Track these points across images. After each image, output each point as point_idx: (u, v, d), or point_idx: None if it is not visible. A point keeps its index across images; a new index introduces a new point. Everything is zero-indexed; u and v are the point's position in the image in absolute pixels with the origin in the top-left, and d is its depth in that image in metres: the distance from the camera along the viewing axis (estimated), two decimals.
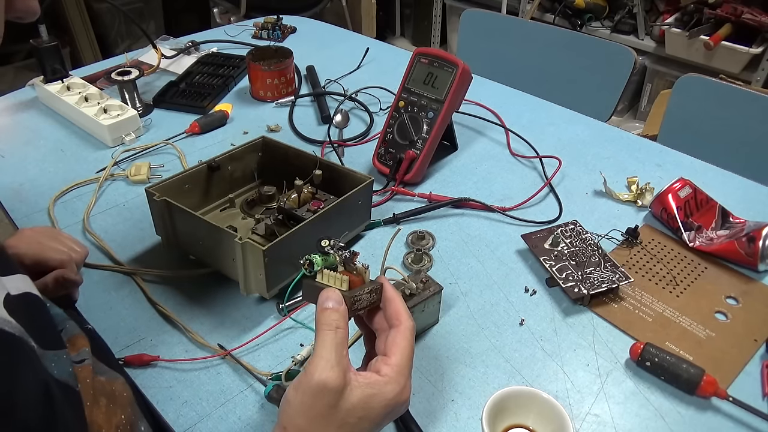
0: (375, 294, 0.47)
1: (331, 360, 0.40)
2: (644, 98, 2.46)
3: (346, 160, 0.96)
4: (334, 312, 0.43)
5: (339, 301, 0.43)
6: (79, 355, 0.47)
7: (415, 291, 0.61)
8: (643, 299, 0.70)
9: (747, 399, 0.57)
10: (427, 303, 0.62)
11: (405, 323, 0.45)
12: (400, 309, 0.46)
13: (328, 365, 0.40)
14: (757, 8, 2.02)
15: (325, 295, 0.43)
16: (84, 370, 0.46)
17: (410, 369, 0.44)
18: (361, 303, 0.45)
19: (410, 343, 0.44)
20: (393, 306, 0.46)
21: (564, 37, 1.38)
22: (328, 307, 0.43)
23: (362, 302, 0.45)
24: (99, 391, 0.46)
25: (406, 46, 3.23)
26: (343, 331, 0.42)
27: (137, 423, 0.48)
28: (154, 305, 0.68)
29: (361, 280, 0.47)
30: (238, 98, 1.15)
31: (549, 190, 0.89)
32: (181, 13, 2.92)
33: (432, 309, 0.64)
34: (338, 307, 0.43)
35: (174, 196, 0.70)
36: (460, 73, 0.86)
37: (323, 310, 0.43)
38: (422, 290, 0.62)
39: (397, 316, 0.45)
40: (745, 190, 0.90)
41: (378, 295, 0.47)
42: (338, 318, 0.42)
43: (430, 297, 0.62)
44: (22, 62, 2.51)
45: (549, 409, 0.53)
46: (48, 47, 1.03)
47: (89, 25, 2.52)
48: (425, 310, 0.62)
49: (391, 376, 0.42)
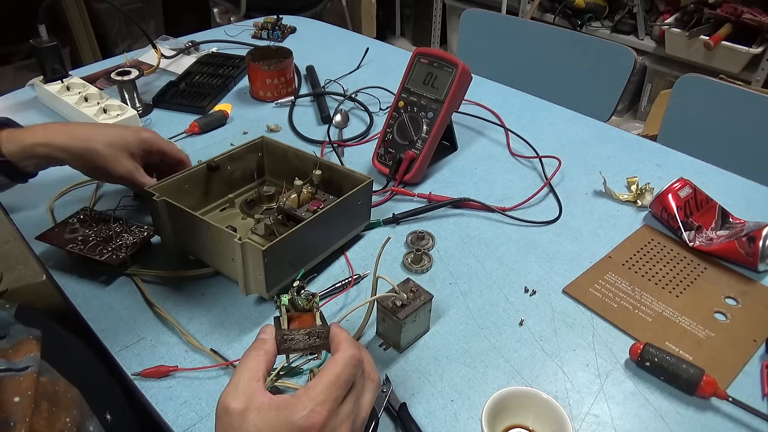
0: (317, 338, 0.48)
1: (238, 385, 0.42)
2: (644, 98, 2.46)
3: (346, 160, 0.96)
4: (261, 342, 0.46)
5: (270, 335, 0.47)
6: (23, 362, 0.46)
7: (406, 301, 0.61)
8: (642, 299, 0.70)
9: (746, 399, 0.57)
10: (418, 312, 0.61)
11: (340, 353, 0.45)
12: (340, 339, 0.46)
13: (234, 389, 0.42)
14: (757, 8, 2.02)
15: (262, 329, 0.47)
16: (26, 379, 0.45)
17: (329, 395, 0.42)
18: (296, 343, 0.47)
19: (335, 370, 0.43)
20: (335, 340, 0.47)
21: (564, 37, 1.38)
22: (260, 336, 0.47)
23: (296, 342, 0.47)
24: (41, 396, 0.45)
25: (406, 46, 3.23)
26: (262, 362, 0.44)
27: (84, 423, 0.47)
28: (152, 306, 0.68)
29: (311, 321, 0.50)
30: (237, 98, 1.15)
31: (549, 190, 0.89)
32: (181, 13, 2.93)
33: (422, 318, 0.63)
34: (266, 339, 0.46)
35: (173, 196, 0.70)
36: (459, 73, 0.86)
37: (256, 339, 0.46)
38: (413, 300, 0.61)
39: (336, 346, 0.46)
40: (745, 190, 0.90)
41: (322, 340, 0.48)
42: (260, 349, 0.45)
43: (421, 306, 0.61)
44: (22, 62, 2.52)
45: (548, 409, 0.54)
46: (48, 47, 1.03)
47: (89, 25, 2.52)
48: (416, 319, 0.62)
49: (300, 398, 0.42)
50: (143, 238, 0.74)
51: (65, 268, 0.73)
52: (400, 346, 0.62)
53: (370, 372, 0.48)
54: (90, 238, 0.73)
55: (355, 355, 0.45)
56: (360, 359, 0.45)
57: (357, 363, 0.45)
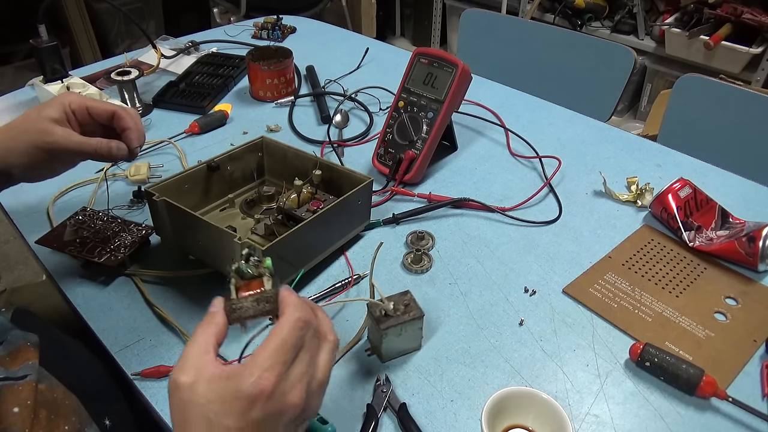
0: (266, 303, 0.46)
1: (187, 359, 0.41)
2: (644, 98, 2.46)
3: (346, 160, 0.96)
4: (210, 315, 0.45)
5: (219, 306, 0.45)
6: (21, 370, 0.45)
7: (392, 312, 0.59)
8: (642, 299, 0.70)
9: (746, 399, 0.57)
10: (405, 327, 0.60)
11: (286, 316, 0.43)
12: (287, 303, 0.45)
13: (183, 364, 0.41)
14: (757, 8, 2.02)
15: (213, 301, 0.46)
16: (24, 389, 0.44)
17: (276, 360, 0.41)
18: (245, 311, 0.45)
19: (281, 335, 0.42)
20: (282, 304, 0.45)
21: (564, 37, 1.38)
22: (210, 309, 0.45)
23: (245, 310, 0.45)
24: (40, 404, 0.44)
25: (406, 46, 3.23)
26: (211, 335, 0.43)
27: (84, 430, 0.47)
28: (152, 307, 0.68)
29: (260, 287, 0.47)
30: (237, 98, 1.15)
31: (549, 190, 0.89)
32: (181, 13, 2.93)
33: (411, 334, 0.61)
34: (214, 311, 0.45)
35: (173, 196, 0.69)
36: (459, 73, 0.86)
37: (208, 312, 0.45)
38: (402, 313, 0.59)
39: (283, 310, 0.44)
40: (744, 190, 0.90)
41: (272, 304, 0.46)
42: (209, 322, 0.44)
43: (408, 322, 0.59)
44: (22, 62, 2.52)
45: (548, 409, 0.54)
46: (48, 47, 1.03)
47: (89, 25, 2.52)
48: (402, 334, 0.60)
49: (248, 366, 0.41)
50: (141, 237, 0.74)
51: (65, 268, 0.73)
52: (382, 356, 0.62)
53: (326, 332, 0.46)
54: (89, 240, 0.73)
55: (301, 317, 0.43)
56: (307, 320, 0.44)
57: (304, 325, 0.43)
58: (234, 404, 0.39)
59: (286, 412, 0.41)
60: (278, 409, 0.41)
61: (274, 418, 0.41)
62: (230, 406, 0.39)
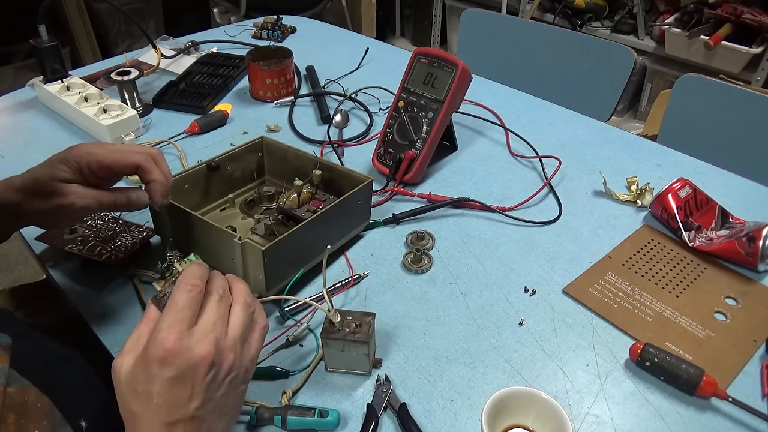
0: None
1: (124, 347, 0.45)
2: (644, 98, 2.46)
3: (346, 160, 0.96)
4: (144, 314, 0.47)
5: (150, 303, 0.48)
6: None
7: (338, 325, 0.57)
8: (642, 299, 0.70)
9: (746, 399, 0.57)
10: (348, 346, 0.57)
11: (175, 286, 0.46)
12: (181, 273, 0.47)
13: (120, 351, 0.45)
14: (757, 8, 2.02)
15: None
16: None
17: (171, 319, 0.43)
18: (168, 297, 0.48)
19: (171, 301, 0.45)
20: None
21: (564, 37, 1.38)
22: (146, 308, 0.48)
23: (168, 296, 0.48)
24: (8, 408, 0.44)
25: (406, 46, 3.23)
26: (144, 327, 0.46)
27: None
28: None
29: None
30: (237, 98, 1.15)
31: (549, 190, 0.89)
32: (181, 13, 2.93)
33: (355, 357, 0.58)
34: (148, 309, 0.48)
35: (174, 197, 0.69)
36: (459, 73, 0.86)
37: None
38: (349, 331, 0.57)
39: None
40: (744, 190, 0.90)
41: None
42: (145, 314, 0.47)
43: (351, 342, 0.57)
44: (22, 62, 2.52)
45: (548, 409, 0.54)
46: (48, 47, 1.03)
47: (89, 25, 2.52)
48: (345, 351, 0.58)
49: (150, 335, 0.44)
50: (142, 239, 0.74)
51: (65, 268, 0.73)
52: (325, 363, 0.61)
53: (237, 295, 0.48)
54: (89, 239, 0.73)
55: (188, 279, 0.45)
56: (196, 282, 0.46)
57: (193, 286, 0.45)
58: (150, 369, 0.42)
59: (200, 364, 0.43)
60: (189, 363, 0.43)
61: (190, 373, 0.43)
62: (147, 373, 0.42)
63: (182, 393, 0.42)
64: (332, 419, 0.54)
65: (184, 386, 0.42)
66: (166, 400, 0.42)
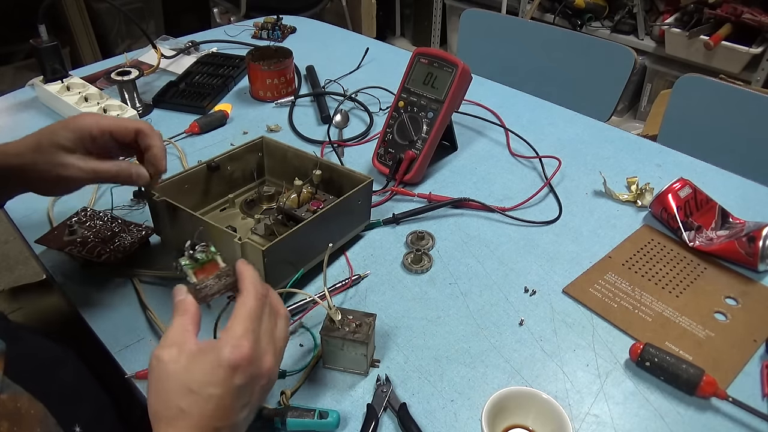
0: (227, 277, 0.50)
1: (167, 338, 0.44)
2: (644, 98, 2.46)
3: (346, 160, 0.96)
4: (180, 303, 0.47)
5: (184, 292, 0.48)
6: None
7: (338, 324, 0.58)
8: (642, 299, 0.70)
9: (746, 399, 0.57)
10: (346, 345, 0.58)
11: (244, 291, 0.47)
12: (244, 277, 0.48)
13: (164, 342, 0.44)
14: (757, 8, 2.02)
15: (175, 290, 0.49)
16: None
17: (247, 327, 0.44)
18: (210, 289, 0.49)
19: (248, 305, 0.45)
20: (240, 278, 0.48)
21: (564, 37, 1.38)
22: (178, 298, 0.48)
23: (210, 288, 0.49)
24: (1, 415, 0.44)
25: (406, 46, 3.23)
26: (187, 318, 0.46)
27: None
28: (145, 310, 0.67)
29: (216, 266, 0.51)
30: (237, 98, 1.15)
31: (549, 190, 0.89)
32: (181, 13, 2.93)
33: (353, 356, 0.59)
34: (184, 297, 0.47)
35: (173, 196, 0.69)
36: (459, 73, 0.86)
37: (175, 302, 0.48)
38: (349, 330, 0.58)
39: (242, 284, 0.48)
40: (744, 190, 0.90)
41: (233, 277, 0.50)
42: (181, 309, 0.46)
43: (350, 341, 0.57)
44: (22, 62, 2.52)
45: (548, 409, 0.54)
46: (48, 47, 1.03)
47: (89, 25, 2.52)
48: (344, 350, 0.59)
49: (223, 338, 0.43)
50: (141, 238, 0.74)
51: (65, 268, 0.73)
52: (323, 359, 0.61)
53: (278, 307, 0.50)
54: (89, 239, 0.73)
55: (260, 289, 0.47)
56: (265, 292, 0.48)
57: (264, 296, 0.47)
58: (217, 373, 0.41)
59: (263, 376, 0.44)
60: (257, 374, 0.43)
61: (252, 383, 0.43)
62: (213, 376, 0.41)
63: (241, 401, 0.43)
64: (332, 420, 0.54)
65: (244, 395, 0.43)
66: (226, 405, 0.42)
